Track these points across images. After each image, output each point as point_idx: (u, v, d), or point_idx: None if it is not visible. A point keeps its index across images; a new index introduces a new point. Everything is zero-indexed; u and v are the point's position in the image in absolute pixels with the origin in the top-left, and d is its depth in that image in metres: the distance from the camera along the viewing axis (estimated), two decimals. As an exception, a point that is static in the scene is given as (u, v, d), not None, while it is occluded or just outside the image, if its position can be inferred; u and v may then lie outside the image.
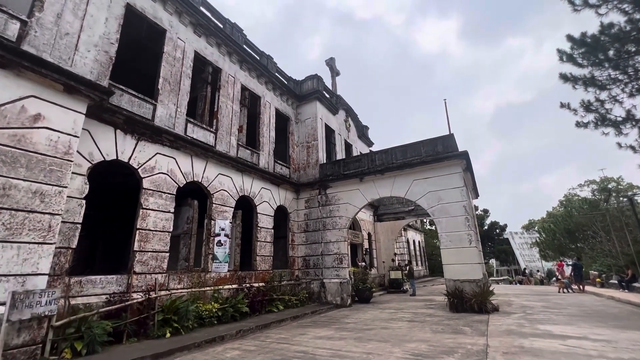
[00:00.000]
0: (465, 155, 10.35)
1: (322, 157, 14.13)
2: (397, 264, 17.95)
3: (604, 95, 10.66)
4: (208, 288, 8.71)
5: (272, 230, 11.85)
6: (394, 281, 16.71)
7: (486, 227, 40.14)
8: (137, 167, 7.59)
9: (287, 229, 13.11)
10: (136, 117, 7.68)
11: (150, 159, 7.93)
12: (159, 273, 7.56)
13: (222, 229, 9.63)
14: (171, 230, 8.07)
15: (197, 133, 9.50)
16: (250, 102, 12.43)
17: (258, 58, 13.03)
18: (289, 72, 18.81)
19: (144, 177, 7.70)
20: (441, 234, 10.38)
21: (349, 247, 14.69)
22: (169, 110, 8.72)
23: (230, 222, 10.03)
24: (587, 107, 10.83)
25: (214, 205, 9.55)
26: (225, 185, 10.11)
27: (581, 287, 14.65)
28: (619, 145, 11.56)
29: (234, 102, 11.24)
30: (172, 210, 8.20)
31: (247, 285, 9.73)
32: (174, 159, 8.57)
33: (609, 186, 35.48)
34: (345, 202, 12.60)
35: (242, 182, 10.88)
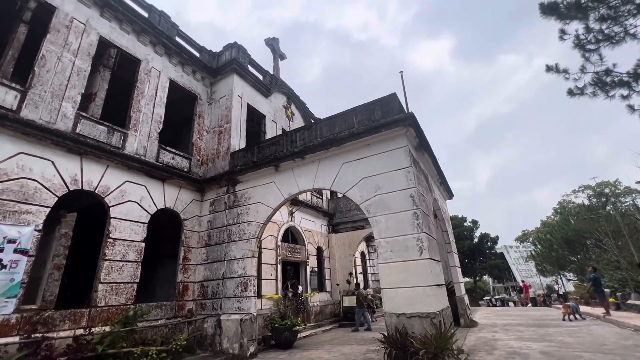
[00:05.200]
0: (410, 120, 6.86)
1: (238, 144, 10.56)
2: (353, 287, 14.02)
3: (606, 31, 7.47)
4: (-52, 347, 4.81)
5: (142, 244, 8.03)
6: (348, 310, 12.76)
7: (476, 240, 36.32)
8: None
9: (180, 243, 9.29)
10: None
11: None
12: None
13: (11, 241, 5.83)
14: None
15: (-26, 86, 5.89)
16: (120, 65, 8.94)
17: (144, 13, 9.71)
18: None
19: None
20: (379, 241, 6.69)
21: (279, 266, 10.91)
22: None
23: (39, 231, 6.24)
24: (582, 46, 7.60)
25: (-4, 201, 5.79)
26: (34, 171, 6.39)
27: (605, 309, 10.65)
28: (631, 108, 8.33)
29: (80, 57, 7.73)
30: None
31: (50, 335, 5.79)
32: None
33: (606, 190, 32.41)
34: (256, 201, 8.90)
35: (81, 169, 7.17)
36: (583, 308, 12.82)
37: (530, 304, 21.36)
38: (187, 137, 11.11)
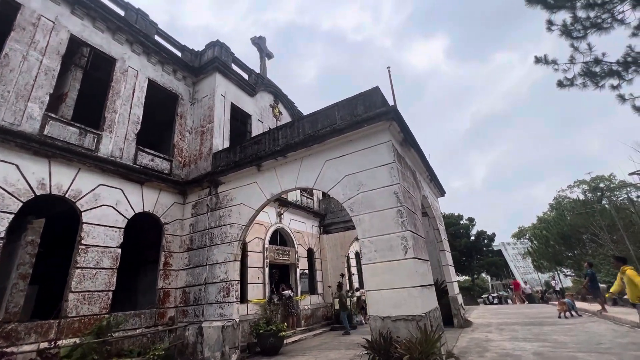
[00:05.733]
0: (393, 113, 6.58)
1: (221, 145, 10.23)
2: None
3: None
4: None
5: (119, 250, 7.68)
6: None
7: (473, 238, 36.10)
8: None
9: (161, 248, 8.94)
10: None
11: None
12: None
13: (-31, 250, 5.47)
14: None
15: None
16: (94, 64, 8.61)
17: (119, 11, 9.40)
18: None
19: None
20: (362, 241, 6.39)
21: (266, 269, 10.58)
22: None
23: (1, 239, 5.88)
24: (569, 33, 7.40)
25: (-48, 208, 5.44)
26: (-4, 175, 6.05)
27: (601, 305, 10.28)
28: (621, 98, 8.16)
29: (48, 56, 7.38)
30: None
31: (11, 350, 5.43)
32: None
33: (600, 185, 32.34)
34: (238, 202, 8.58)
35: (49, 172, 6.82)
36: (580, 304, 12.59)
37: (526, 301, 21.11)
38: (169, 138, 10.77)
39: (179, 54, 11.24)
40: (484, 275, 46.97)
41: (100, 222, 7.48)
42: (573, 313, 10.69)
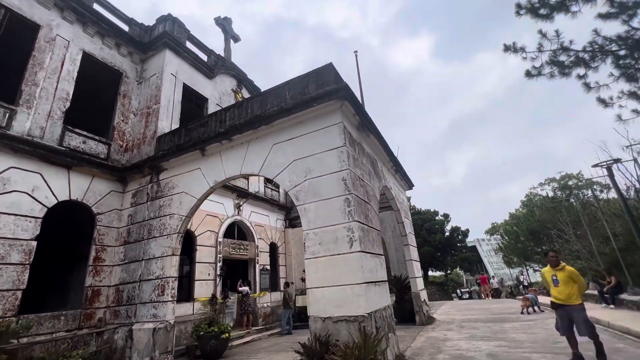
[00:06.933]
0: (343, 91, 5.89)
1: (169, 128, 9.28)
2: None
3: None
4: None
5: (34, 243, 6.67)
6: (302, 310, 11.77)
7: (447, 234, 36.38)
8: None
9: (92, 241, 7.95)
10: None
11: None
12: None
13: None
14: None
15: None
16: (11, 30, 7.45)
17: (48, -29, 8.22)
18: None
19: None
20: (307, 232, 5.72)
21: (219, 264, 9.76)
22: None
23: None
24: (534, 11, 7.00)
25: None
26: None
27: None
28: (587, 86, 7.96)
29: (-56, 13, 6.23)
30: None
31: None
32: None
33: (569, 183, 33.27)
34: (180, 190, 7.72)
35: (-62, 151, 5.73)
36: (544, 299, 12.52)
37: (491, 297, 21.32)
38: (89, 112, 9.70)
39: (125, 27, 10.14)
40: (458, 270, 47.80)
41: (9, 210, 6.43)
42: (536, 309, 10.53)
